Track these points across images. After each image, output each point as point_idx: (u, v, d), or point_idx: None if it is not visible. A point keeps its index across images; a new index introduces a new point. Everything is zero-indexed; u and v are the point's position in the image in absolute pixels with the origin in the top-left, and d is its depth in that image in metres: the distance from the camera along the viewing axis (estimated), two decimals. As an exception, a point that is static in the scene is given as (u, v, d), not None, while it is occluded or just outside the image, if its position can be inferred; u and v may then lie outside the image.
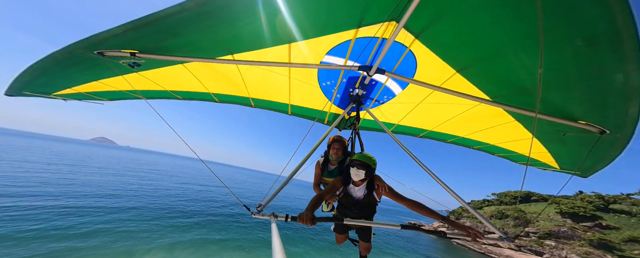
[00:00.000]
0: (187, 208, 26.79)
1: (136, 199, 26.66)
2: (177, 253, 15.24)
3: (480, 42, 1.90)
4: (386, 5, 1.77)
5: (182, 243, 16.68)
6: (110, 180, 36.40)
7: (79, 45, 1.85)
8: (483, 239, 1.96)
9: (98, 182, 33.14)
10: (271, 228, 1.62)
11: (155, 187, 37.12)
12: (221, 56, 2.44)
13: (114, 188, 30.67)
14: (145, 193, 30.62)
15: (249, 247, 18.93)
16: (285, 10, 1.78)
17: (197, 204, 30.33)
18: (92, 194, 25.23)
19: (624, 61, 1.45)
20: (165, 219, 21.17)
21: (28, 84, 2.57)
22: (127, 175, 45.43)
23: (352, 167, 2.34)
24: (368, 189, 2.45)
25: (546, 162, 3.72)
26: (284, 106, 4.35)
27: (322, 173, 3.14)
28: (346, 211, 2.57)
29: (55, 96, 3.15)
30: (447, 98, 3.03)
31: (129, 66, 2.30)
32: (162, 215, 22.20)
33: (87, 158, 64.76)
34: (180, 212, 24.61)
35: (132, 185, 34.97)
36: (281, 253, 1.18)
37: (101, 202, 22.85)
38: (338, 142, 3.00)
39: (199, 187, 47.08)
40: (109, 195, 26.19)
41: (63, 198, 21.71)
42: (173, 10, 1.58)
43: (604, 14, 1.26)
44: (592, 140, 2.28)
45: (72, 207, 19.67)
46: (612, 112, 1.93)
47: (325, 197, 2.41)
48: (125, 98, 3.83)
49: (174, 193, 35.33)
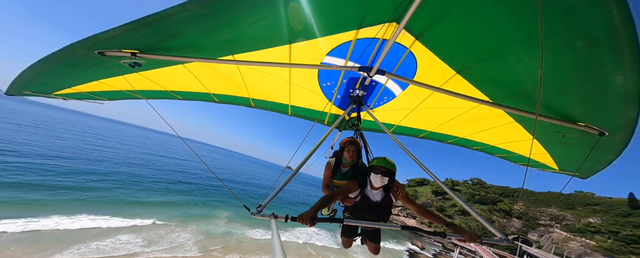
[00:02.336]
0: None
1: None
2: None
3: (480, 43, 1.91)
4: (387, 7, 1.77)
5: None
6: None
7: (79, 45, 1.85)
8: (481, 242, 1.99)
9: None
10: (271, 228, 1.62)
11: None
12: (222, 56, 2.44)
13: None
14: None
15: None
16: (286, 11, 1.79)
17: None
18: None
19: (623, 63, 1.45)
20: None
21: (29, 83, 2.57)
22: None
23: (376, 173, 2.26)
24: (385, 191, 2.43)
25: (545, 163, 3.73)
26: (284, 107, 4.35)
27: (334, 175, 3.00)
28: (364, 214, 2.50)
29: (56, 96, 3.15)
30: (447, 99, 3.03)
31: (129, 66, 2.30)
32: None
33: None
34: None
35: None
36: (281, 253, 1.18)
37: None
38: (353, 144, 2.84)
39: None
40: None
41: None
42: (174, 10, 1.58)
43: (604, 15, 1.27)
44: (591, 141, 2.28)
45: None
46: (612, 114, 1.94)
47: (338, 198, 2.38)
48: (125, 98, 3.83)
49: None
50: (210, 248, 20.50)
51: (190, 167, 57.32)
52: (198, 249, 19.79)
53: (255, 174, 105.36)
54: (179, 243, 19.91)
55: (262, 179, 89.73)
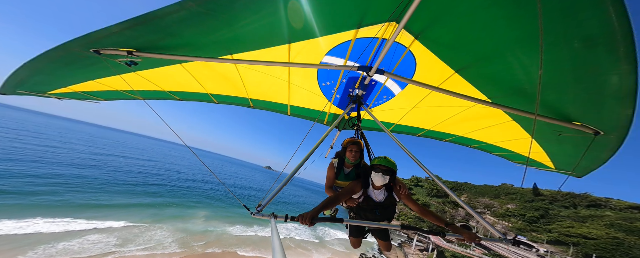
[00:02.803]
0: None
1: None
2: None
3: (479, 43, 1.92)
4: (386, 6, 1.77)
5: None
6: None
7: (75, 43, 1.82)
8: (481, 242, 2.00)
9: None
10: (271, 228, 1.61)
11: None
12: (221, 56, 2.42)
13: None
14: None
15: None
16: (286, 10, 1.78)
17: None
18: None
19: (620, 63, 1.47)
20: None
21: (22, 82, 2.52)
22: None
23: (377, 172, 2.28)
24: (388, 191, 2.43)
25: (542, 162, 3.77)
26: (283, 107, 4.34)
27: (337, 176, 2.97)
28: (368, 214, 2.52)
29: (50, 95, 3.09)
30: (446, 98, 3.04)
31: (126, 65, 2.26)
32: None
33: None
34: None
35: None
36: (281, 252, 1.18)
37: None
38: (356, 144, 2.82)
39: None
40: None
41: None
42: (172, 9, 1.55)
43: (602, 15, 1.28)
44: (587, 141, 2.31)
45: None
46: (607, 114, 1.96)
47: (342, 199, 2.37)
48: (122, 98, 3.78)
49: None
50: (192, 245, 20.27)
51: (154, 168, 56.19)
52: (178, 246, 19.48)
53: (232, 174, 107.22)
54: (157, 241, 19.26)
55: (240, 179, 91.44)
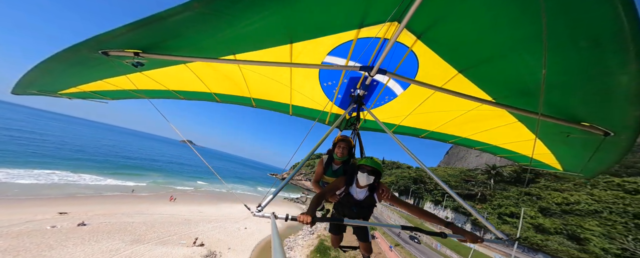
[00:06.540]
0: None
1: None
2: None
3: (483, 42, 1.89)
4: (388, 6, 1.76)
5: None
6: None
7: (84, 44, 1.87)
8: (482, 242, 1.98)
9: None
10: (271, 227, 1.63)
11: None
12: (223, 56, 2.46)
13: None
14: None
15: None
16: (288, 10, 1.79)
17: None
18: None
19: (629, 62, 1.42)
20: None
21: (34, 83, 2.60)
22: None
23: (362, 172, 2.33)
24: (369, 191, 2.47)
25: (549, 164, 3.69)
26: (285, 106, 4.36)
27: (325, 171, 3.12)
28: (345, 210, 2.59)
29: (61, 95, 3.19)
30: (448, 99, 3.01)
31: (132, 66, 2.32)
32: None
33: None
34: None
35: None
36: (281, 252, 1.19)
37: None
38: (344, 141, 2.98)
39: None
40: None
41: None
42: (176, 10, 1.58)
43: (609, 13, 1.24)
44: (595, 142, 2.25)
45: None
46: (617, 114, 1.91)
47: (326, 196, 2.43)
48: (129, 97, 3.86)
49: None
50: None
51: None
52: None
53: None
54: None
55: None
